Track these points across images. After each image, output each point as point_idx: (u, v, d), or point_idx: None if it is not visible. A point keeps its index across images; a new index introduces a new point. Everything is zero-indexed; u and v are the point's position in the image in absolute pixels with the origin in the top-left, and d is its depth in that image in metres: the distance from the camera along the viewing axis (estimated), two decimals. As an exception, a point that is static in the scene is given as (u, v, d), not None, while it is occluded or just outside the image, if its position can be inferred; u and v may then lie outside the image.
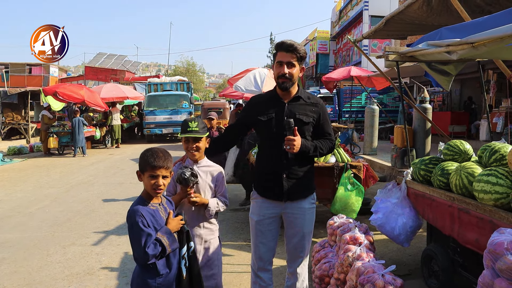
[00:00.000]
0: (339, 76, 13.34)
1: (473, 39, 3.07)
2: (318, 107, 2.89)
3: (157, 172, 2.24)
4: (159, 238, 2.18)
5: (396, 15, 5.90)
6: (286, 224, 2.97)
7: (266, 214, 2.93)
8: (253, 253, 3.02)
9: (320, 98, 15.46)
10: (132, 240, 2.17)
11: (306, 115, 2.84)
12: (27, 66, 25.94)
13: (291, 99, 2.84)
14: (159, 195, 2.31)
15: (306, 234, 2.95)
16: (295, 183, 2.87)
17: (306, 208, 2.92)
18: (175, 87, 21.19)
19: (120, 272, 4.27)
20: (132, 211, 2.20)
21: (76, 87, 15.06)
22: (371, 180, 5.39)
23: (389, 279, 2.83)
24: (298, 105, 2.84)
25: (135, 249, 2.16)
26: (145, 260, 2.15)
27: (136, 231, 2.15)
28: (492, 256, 2.18)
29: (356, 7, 24.92)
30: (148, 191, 2.29)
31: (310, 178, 3.00)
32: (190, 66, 52.69)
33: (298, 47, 2.75)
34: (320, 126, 2.91)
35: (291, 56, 2.74)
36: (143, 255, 2.14)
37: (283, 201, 2.87)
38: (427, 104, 8.23)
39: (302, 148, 2.74)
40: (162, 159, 2.26)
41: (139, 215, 2.17)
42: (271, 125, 2.83)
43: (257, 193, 2.96)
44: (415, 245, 4.65)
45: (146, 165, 2.26)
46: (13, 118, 19.85)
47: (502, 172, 2.90)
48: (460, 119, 14.66)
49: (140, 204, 2.23)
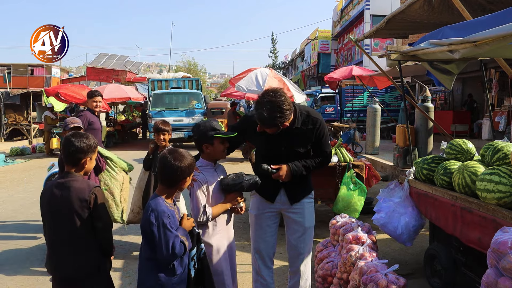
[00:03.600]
0: (341, 76, 13.32)
1: (476, 38, 3.07)
2: (315, 128, 2.84)
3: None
4: (182, 239, 2.21)
5: (397, 14, 5.89)
6: (286, 220, 2.99)
7: (265, 209, 2.96)
8: (253, 249, 3.03)
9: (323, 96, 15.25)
10: (158, 240, 2.16)
11: (303, 145, 2.85)
12: (29, 67, 25.98)
13: (288, 131, 2.78)
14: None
15: (307, 229, 2.96)
16: (293, 191, 2.93)
17: (304, 203, 2.97)
18: (182, 84, 18.04)
19: (123, 273, 4.28)
20: (158, 212, 2.19)
21: (78, 88, 15.06)
22: (373, 180, 5.39)
23: (392, 278, 2.83)
24: (296, 136, 2.82)
25: (161, 249, 2.16)
26: (171, 261, 2.20)
27: (164, 232, 2.16)
28: (496, 255, 2.17)
29: (357, 6, 24.88)
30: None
31: (308, 180, 3.02)
32: (192, 66, 52.73)
33: (277, 120, 2.61)
34: (317, 144, 2.90)
35: (274, 128, 2.69)
36: (171, 256, 2.17)
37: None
38: (429, 103, 8.21)
39: (292, 173, 2.78)
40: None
41: (166, 216, 2.19)
42: (266, 148, 2.87)
43: (256, 191, 2.98)
44: (418, 245, 4.64)
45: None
46: (15, 119, 19.87)
47: (505, 171, 2.89)
48: (462, 118, 14.63)
49: (163, 205, 2.24)
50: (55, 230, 2.33)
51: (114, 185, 4.72)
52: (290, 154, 2.82)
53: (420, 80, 13.29)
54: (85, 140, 2.36)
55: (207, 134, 2.72)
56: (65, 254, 2.30)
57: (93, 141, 2.40)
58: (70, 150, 2.33)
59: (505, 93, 12.88)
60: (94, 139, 2.42)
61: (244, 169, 6.73)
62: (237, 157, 12.02)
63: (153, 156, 4.47)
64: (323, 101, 18.35)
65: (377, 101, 12.55)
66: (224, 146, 2.78)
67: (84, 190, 2.28)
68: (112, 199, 4.72)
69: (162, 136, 4.29)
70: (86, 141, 2.35)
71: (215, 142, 2.72)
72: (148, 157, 4.53)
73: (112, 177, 4.72)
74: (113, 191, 4.71)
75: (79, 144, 2.32)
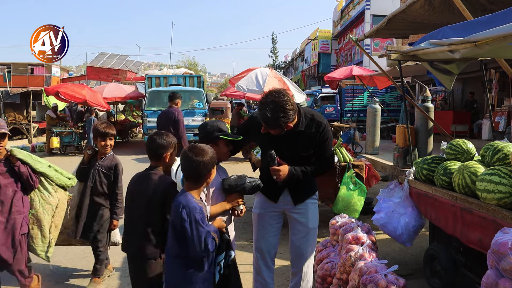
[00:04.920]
0: (341, 76, 13.33)
1: (476, 38, 3.06)
2: (318, 132, 2.81)
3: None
4: (213, 236, 2.27)
5: (398, 14, 5.89)
6: (290, 220, 2.99)
7: (269, 209, 2.96)
8: (254, 248, 3.03)
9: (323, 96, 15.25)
10: (190, 236, 2.22)
11: (306, 148, 2.82)
12: (29, 66, 25.95)
13: (292, 134, 2.77)
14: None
15: (311, 230, 2.95)
16: (297, 192, 2.92)
17: (308, 203, 2.96)
18: (183, 81, 15.99)
19: (122, 272, 4.27)
20: (190, 208, 2.25)
21: (78, 87, 15.06)
22: (373, 180, 5.38)
23: (392, 279, 2.82)
24: (299, 138, 2.80)
25: (193, 245, 2.22)
26: (203, 256, 2.27)
27: (196, 227, 2.22)
28: (496, 256, 2.17)
29: (358, 6, 24.89)
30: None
31: (313, 181, 3.01)
32: (192, 65, 52.73)
33: (280, 120, 2.60)
34: (319, 149, 2.87)
35: (278, 129, 2.68)
36: (203, 251, 2.23)
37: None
38: (429, 103, 8.19)
39: (290, 176, 2.75)
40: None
41: (198, 212, 2.25)
42: (269, 150, 2.83)
43: (260, 191, 2.97)
44: (418, 245, 4.64)
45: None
46: (15, 118, 19.85)
47: (505, 171, 2.89)
48: (462, 118, 14.62)
49: (193, 201, 2.29)
50: (131, 212, 2.73)
51: (45, 210, 3.57)
52: (293, 157, 2.80)
53: (420, 80, 13.29)
54: (166, 137, 2.73)
55: (213, 134, 2.73)
56: (134, 234, 2.66)
57: (173, 139, 2.78)
58: (153, 146, 2.70)
59: (505, 94, 12.87)
60: (173, 138, 2.80)
61: (244, 169, 6.72)
62: (237, 157, 12.02)
63: (90, 164, 3.83)
64: (323, 101, 18.35)
65: (377, 101, 12.54)
66: (228, 148, 2.79)
67: (159, 185, 2.61)
68: (39, 228, 3.55)
69: (109, 141, 3.76)
70: (167, 139, 2.73)
71: (220, 143, 2.73)
72: (83, 165, 3.86)
73: (43, 199, 3.58)
74: (41, 218, 3.55)
75: (161, 141, 2.69)
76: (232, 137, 2.76)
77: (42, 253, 3.61)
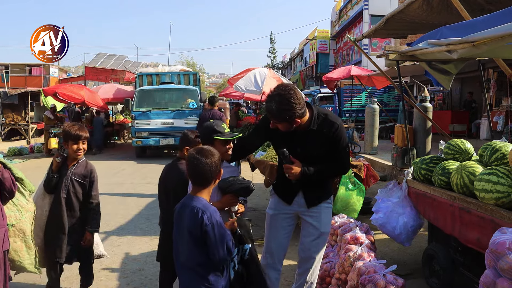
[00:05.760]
0: (339, 76, 13.33)
1: (474, 38, 3.07)
2: (331, 132, 2.76)
3: None
4: (232, 238, 2.25)
5: (396, 14, 5.89)
6: (302, 222, 2.99)
7: (282, 210, 2.96)
8: (264, 248, 3.04)
9: (321, 96, 15.25)
10: (213, 241, 2.15)
11: (319, 149, 2.78)
12: (27, 66, 25.88)
13: (304, 133, 2.76)
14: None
15: (322, 234, 2.94)
16: (311, 194, 2.90)
17: (322, 207, 2.93)
18: (177, 79, 14.59)
19: (120, 273, 4.27)
20: (210, 212, 2.19)
21: (76, 88, 15.06)
22: (372, 180, 5.39)
23: (391, 278, 2.83)
24: (311, 138, 2.77)
25: (217, 250, 2.15)
26: (226, 260, 2.23)
27: (219, 232, 2.17)
28: (494, 256, 2.17)
29: (356, 6, 24.91)
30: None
31: (327, 185, 3.01)
32: (190, 66, 52.71)
33: (284, 113, 2.56)
34: (333, 150, 2.81)
35: (285, 123, 2.65)
36: (227, 255, 2.19)
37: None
38: (427, 103, 8.21)
39: (303, 174, 2.73)
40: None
41: (219, 215, 2.22)
42: (282, 147, 2.82)
43: (275, 192, 3.00)
44: (416, 245, 4.64)
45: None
46: (13, 118, 19.83)
47: (503, 171, 2.89)
48: (460, 118, 14.64)
49: (210, 205, 2.26)
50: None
51: (26, 219, 3.20)
52: (306, 157, 2.77)
53: (418, 80, 13.32)
54: (211, 157, 2.30)
55: (207, 135, 2.74)
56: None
57: (217, 154, 2.36)
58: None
59: (503, 93, 12.89)
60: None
61: (244, 169, 6.70)
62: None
63: (61, 174, 3.36)
64: (321, 101, 18.35)
65: (375, 101, 12.55)
66: (226, 148, 2.77)
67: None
68: (22, 240, 3.19)
69: (82, 145, 3.35)
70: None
71: (216, 143, 2.72)
72: (52, 175, 3.35)
73: (22, 207, 3.20)
74: (25, 228, 3.19)
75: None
76: (228, 136, 2.76)
77: (30, 266, 3.29)
